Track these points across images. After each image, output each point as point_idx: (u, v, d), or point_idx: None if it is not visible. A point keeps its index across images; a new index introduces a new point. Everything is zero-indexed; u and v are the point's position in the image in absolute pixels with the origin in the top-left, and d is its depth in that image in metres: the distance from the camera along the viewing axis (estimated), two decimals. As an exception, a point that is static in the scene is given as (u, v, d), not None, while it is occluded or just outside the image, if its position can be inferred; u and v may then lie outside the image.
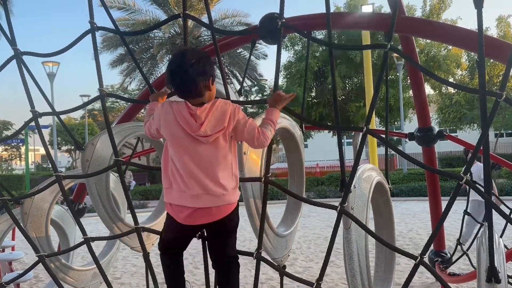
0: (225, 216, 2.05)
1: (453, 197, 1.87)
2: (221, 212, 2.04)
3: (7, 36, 2.44)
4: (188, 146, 1.99)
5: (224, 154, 2.01)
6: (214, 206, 2.01)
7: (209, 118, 1.97)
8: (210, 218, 2.04)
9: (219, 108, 2.00)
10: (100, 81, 2.41)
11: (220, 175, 1.99)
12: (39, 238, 3.08)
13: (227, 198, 2.02)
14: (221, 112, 1.99)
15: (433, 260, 5.14)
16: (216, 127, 1.97)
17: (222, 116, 1.98)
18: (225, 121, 1.98)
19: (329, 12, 2.19)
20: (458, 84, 9.55)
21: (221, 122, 1.98)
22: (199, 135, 1.96)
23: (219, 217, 2.04)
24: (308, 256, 7.43)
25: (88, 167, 2.69)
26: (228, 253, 2.17)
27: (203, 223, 2.08)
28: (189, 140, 1.98)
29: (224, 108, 2.01)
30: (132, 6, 22.24)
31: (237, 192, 2.09)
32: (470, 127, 25.90)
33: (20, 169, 33.03)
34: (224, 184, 1.99)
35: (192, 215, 2.03)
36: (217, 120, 1.98)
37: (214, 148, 1.99)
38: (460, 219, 5.31)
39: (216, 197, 1.99)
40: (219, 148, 2.00)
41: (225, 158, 2.01)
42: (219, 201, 2.01)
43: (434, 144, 4.78)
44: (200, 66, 1.98)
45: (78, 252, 4.30)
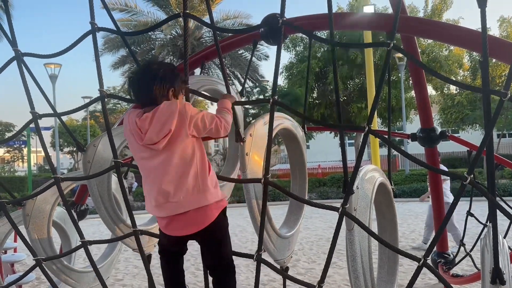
0: (204, 228, 1.96)
1: (457, 197, 1.86)
2: (193, 222, 1.94)
3: (8, 37, 2.43)
4: (144, 156, 1.95)
5: (183, 157, 1.91)
6: (180, 213, 1.92)
7: (153, 124, 1.87)
8: (183, 230, 1.96)
9: (164, 111, 1.88)
10: (100, 82, 2.40)
11: (180, 181, 1.90)
12: (41, 240, 3.08)
13: (190, 203, 1.91)
14: (166, 115, 1.87)
15: (436, 261, 5.12)
16: (162, 132, 1.87)
17: (168, 119, 1.87)
18: (172, 124, 1.86)
19: (331, 11, 2.18)
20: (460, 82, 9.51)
21: (167, 125, 1.86)
22: (146, 144, 1.90)
23: (194, 229, 1.95)
24: (310, 258, 7.41)
25: (89, 169, 2.68)
26: (220, 259, 2.10)
27: (181, 235, 2.00)
28: (143, 149, 1.93)
29: (169, 110, 1.88)
30: (133, 8, 22.31)
31: (210, 197, 1.96)
32: (472, 128, 25.85)
33: (23, 171, 33.14)
34: (183, 189, 1.90)
35: (164, 226, 1.99)
36: (162, 124, 1.87)
37: (169, 153, 1.90)
38: (463, 219, 5.28)
39: (176, 204, 1.91)
40: (176, 152, 1.90)
41: (184, 162, 1.91)
42: (180, 207, 1.91)
43: (437, 145, 4.77)
44: (159, 73, 1.95)
45: (80, 254, 4.27)
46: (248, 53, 22.10)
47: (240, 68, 22.94)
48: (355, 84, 24.53)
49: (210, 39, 22.35)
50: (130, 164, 3.02)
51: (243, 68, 22.53)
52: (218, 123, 1.98)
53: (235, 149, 3.23)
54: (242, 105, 3.33)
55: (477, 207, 5.30)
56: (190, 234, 1.99)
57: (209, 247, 2.09)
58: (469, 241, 5.40)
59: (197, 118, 1.93)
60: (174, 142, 1.89)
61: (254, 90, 23.96)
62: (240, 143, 2.37)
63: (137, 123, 1.92)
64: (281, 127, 2.76)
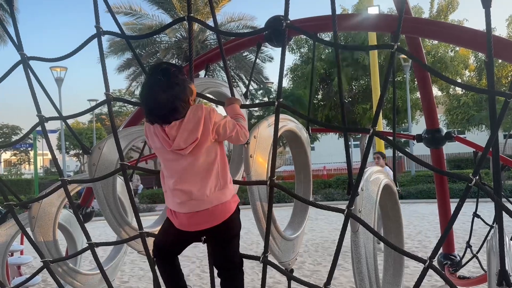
0: (222, 222, 2.02)
1: (463, 199, 1.85)
2: (214, 216, 2.01)
3: (13, 41, 2.45)
4: (170, 158, 2.03)
5: (206, 159, 2.00)
6: (203, 210, 1.99)
7: (181, 132, 1.95)
8: (204, 224, 2.03)
9: (191, 119, 1.96)
10: (106, 85, 2.42)
11: (204, 181, 1.99)
12: (46, 243, 3.09)
13: (213, 199, 2.00)
14: (193, 123, 1.96)
15: (442, 263, 5.09)
16: (189, 139, 1.95)
17: (194, 127, 1.95)
18: (198, 132, 1.95)
19: (335, 12, 2.18)
20: (466, 84, 9.49)
21: (194, 133, 1.95)
22: (174, 149, 1.98)
23: (214, 222, 2.02)
24: (315, 260, 7.39)
25: (95, 171, 2.69)
26: (229, 260, 2.15)
27: (199, 230, 2.05)
28: (170, 153, 2.01)
29: (195, 118, 1.96)
30: (138, 11, 22.42)
31: (228, 193, 2.05)
32: (478, 129, 25.70)
33: (29, 174, 33.36)
34: (207, 188, 1.99)
35: (185, 221, 2.04)
36: (190, 132, 1.95)
37: (194, 157, 1.98)
38: (469, 221, 5.25)
39: (199, 201, 1.99)
40: (200, 156, 1.98)
41: (207, 164, 2.00)
42: (203, 204, 1.99)
43: (443, 146, 4.74)
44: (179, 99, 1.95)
45: (86, 256, 4.30)
46: (253, 55, 22.14)
47: (245, 70, 22.97)
48: (360, 85, 24.49)
49: (214, 42, 22.41)
50: (136, 166, 3.03)
51: (247, 70, 22.56)
52: (239, 131, 2.05)
53: (240, 151, 3.23)
54: (247, 108, 3.34)
55: (483, 208, 5.28)
56: (209, 227, 2.04)
57: (222, 243, 2.12)
58: (476, 243, 5.36)
59: (219, 125, 2.00)
60: (199, 147, 1.98)
61: (258, 92, 23.97)
62: (244, 145, 2.37)
63: (165, 130, 1.97)
64: (286, 129, 2.76)
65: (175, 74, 1.99)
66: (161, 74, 1.97)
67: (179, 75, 2.00)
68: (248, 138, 2.16)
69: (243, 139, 2.10)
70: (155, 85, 1.96)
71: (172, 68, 2.03)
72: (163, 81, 1.95)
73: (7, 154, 36.86)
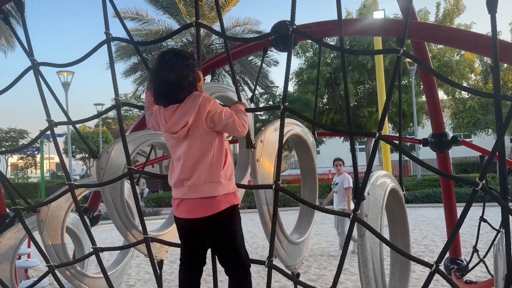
0: (211, 217, 2.01)
1: (469, 203, 1.85)
2: (201, 207, 2.01)
3: (24, 47, 2.49)
4: (171, 143, 2.10)
5: (200, 147, 2.01)
6: (192, 198, 2.02)
7: (175, 114, 2.00)
8: (192, 212, 2.04)
9: (187, 104, 2.01)
10: (115, 90, 2.45)
11: (194, 169, 2.00)
12: (55, 246, 3.12)
13: (202, 190, 2.00)
14: (187, 108, 2.00)
15: (449, 267, 5.06)
16: (180, 123, 1.99)
17: (187, 111, 1.99)
18: (190, 116, 1.98)
19: (341, 18, 2.20)
20: (472, 88, 9.44)
21: (185, 117, 1.99)
22: (167, 131, 2.05)
23: (201, 214, 2.02)
24: (321, 264, 7.37)
25: (103, 175, 2.72)
26: (231, 254, 2.14)
27: (193, 217, 2.05)
28: (170, 137, 2.07)
29: (191, 103, 2.00)
30: (144, 16, 22.55)
31: (220, 188, 2.02)
32: (485, 132, 25.54)
33: (36, 177, 33.54)
34: (197, 177, 2.00)
35: (180, 205, 2.08)
36: (182, 114, 1.99)
37: (189, 143, 2.02)
38: (476, 225, 5.22)
39: (190, 188, 2.01)
40: (195, 143, 2.01)
41: (201, 152, 2.01)
42: (192, 192, 2.01)
43: (449, 150, 4.73)
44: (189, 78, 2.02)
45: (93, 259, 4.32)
46: (258, 59, 22.18)
47: (250, 74, 23.02)
48: (365, 89, 24.44)
49: (220, 46, 22.49)
50: (143, 170, 3.06)
51: (253, 74, 22.60)
52: (236, 120, 2.03)
53: (246, 155, 3.24)
54: (253, 112, 3.35)
55: (490, 212, 5.24)
56: (196, 218, 2.05)
57: (217, 239, 2.13)
58: (483, 247, 5.33)
59: (214, 113, 2.01)
60: (193, 133, 2.01)
61: (264, 96, 24.00)
62: (251, 149, 2.39)
63: (163, 113, 2.06)
64: (291, 133, 2.77)
65: (186, 56, 2.07)
66: (172, 55, 2.05)
67: (190, 59, 2.08)
68: (246, 131, 2.13)
69: (241, 130, 2.06)
70: (165, 63, 2.03)
71: (183, 52, 2.13)
72: (174, 61, 2.02)
73: (14, 158, 37.07)
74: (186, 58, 2.05)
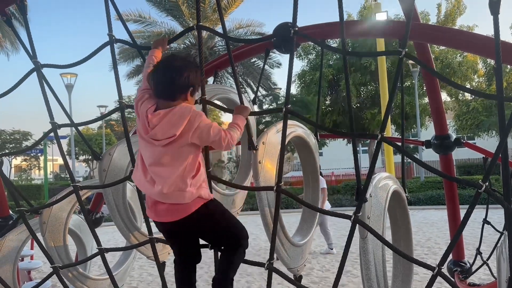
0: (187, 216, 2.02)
1: (472, 205, 1.84)
2: (171, 212, 2.02)
3: (27, 50, 2.50)
4: (146, 143, 2.05)
5: (176, 157, 1.99)
6: (166, 203, 2.01)
7: (162, 123, 1.97)
8: (168, 216, 2.04)
9: (177, 114, 1.97)
10: (119, 93, 2.46)
11: (168, 174, 1.98)
12: (57, 248, 3.12)
13: (171, 197, 1.99)
14: (177, 118, 1.96)
15: (452, 270, 5.04)
16: (167, 133, 1.96)
17: (177, 122, 1.96)
18: (179, 129, 1.95)
19: (343, 19, 2.20)
20: (475, 89, 9.42)
21: (174, 128, 1.95)
22: (150, 137, 2.01)
23: (178, 216, 2.02)
24: (324, 266, 7.35)
25: (105, 177, 2.72)
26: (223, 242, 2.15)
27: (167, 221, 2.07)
28: (146, 138, 2.04)
29: (183, 114, 1.97)
30: (147, 19, 22.57)
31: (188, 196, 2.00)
32: (488, 134, 25.46)
33: (39, 179, 33.63)
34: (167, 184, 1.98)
35: (152, 207, 2.07)
36: (171, 125, 1.96)
37: (166, 150, 1.99)
38: (480, 227, 5.20)
39: (160, 193, 2.00)
40: (172, 151, 1.99)
41: (176, 161, 1.99)
42: (161, 197, 2.00)
43: (452, 152, 4.72)
44: (185, 70, 2.03)
45: (95, 261, 4.32)
46: (261, 61, 22.17)
47: (253, 76, 23.01)
48: (368, 90, 24.42)
49: (222, 48, 22.49)
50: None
51: (255, 76, 22.58)
52: (222, 137, 2.03)
53: (248, 157, 3.24)
54: (256, 115, 3.36)
55: (493, 215, 5.22)
56: (169, 222, 2.06)
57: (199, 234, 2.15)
58: (486, 250, 5.31)
59: (202, 130, 1.99)
60: (174, 145, 1.99)
61: (266, 98, 24.00)
62: (253, 151, 2.39)
63: (148, 116, 2.01)
64: (294, 135, 2.77)
65: (189, 62, 2.10)
66: (178, 58, 2.10)
67: (193, 68, 2.08)
68: (231, 147, 2.12)
69: (226, 147, 2.06)
70: (169, 61, 2.08)
71: (189, 59, 2.16)
72: (175, 61, 2.07)
73: (17, 159, 37.21)
74: (188, 64, 2.08)
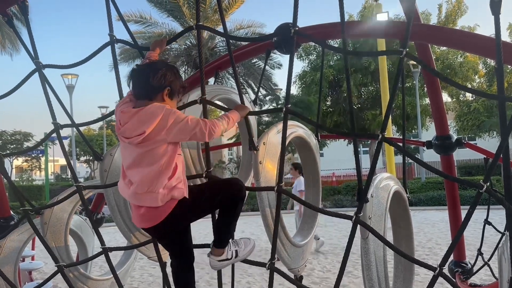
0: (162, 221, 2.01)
1: (473, 206, 1.84)
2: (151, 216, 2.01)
3: (28, 51, 2.50)
4: (123, 144, 2.06)
5: (151, 157, 1.97)
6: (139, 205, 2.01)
7: (133, 120, 1.96)
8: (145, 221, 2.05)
9: (147, 113, 1.94)
10: (120, 93, 2.47)
11: (143, 176, 1.97)
12: (58, 248, 3.12)
13: (146, 199, 1.98)
14: (148, 116, 1.93)
15: (453, 270, 5.03)
16: (136, 131, 1.94)
17: (147, 120, 1.93)
18: (149, 127, 1.92)
19: (344, 19, 2.20)
20: (475, 89, 9.43)
21: (142, 126, 1.92)
22: (120, 135, 2.02)
23: (154, 222, 2.02)
24: (325, 267, 7.35)
25: (106, 177, 2.72)
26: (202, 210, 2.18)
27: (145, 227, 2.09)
28: (121, 138, 2.04)
29: (153, 113, 1.94)
30: (148, 19, 22.60)
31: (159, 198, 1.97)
32: (489, 135, 25.43)
33: (40, 180, 33.63)
34: (144, 185, 1.97)
35: (132, 211, 2.09)
36: (140, 123, 1.93)
37: (141, 151, 1.97)
38: (481, 228, 5.20)
39: (136, 195, 1.99)
40: (146, 152, 1.97)
41: (151, 161, 1.96)
42: (139, 200, 2.00)
43: (453, 152, 4.71)
44: (161, 70, 2.03)
45: (96, 262, 4.34)
46: (261, 62, 22.17)
47: (254, 77, 23.02)
48: (369, 91, 24.42)
49: (223, 49, 22.50)
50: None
51: (256, 77, 22.59)
52: (202, 126, 1.99)
53: (249, 157, 3.24)
54: (256, 115, 3.35)
55: (495, 215, 5.22)
56: (148, 227, 2.09)
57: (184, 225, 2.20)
58: (487, 250, 5.30)
59: (179, 125, 1.96)
60: (147, 142, 1.96)
61: (267, 98, 24.00)
62: (254, 151, 2.39)
63: (120, 114, 2.02)
64: (294, 135, 2.77)
65: (168, 65, 2.10)
66: (157, 61, 2.17)
67: (170, 69, 2.08)
68: (214, 136, 2.08)
69: (208, 136, 2.01)
70: (148, 63, 2.16)
71: (169, 63, 2.16)
72: (154, 63, 2.13)
73: (18, 160, 37.25)
74: (165, 69, 2.06)
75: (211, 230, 2.32)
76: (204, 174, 2.44)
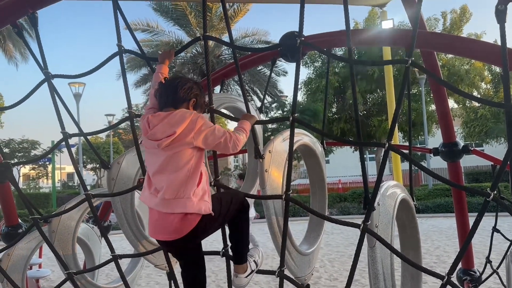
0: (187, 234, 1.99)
1: (481, 214, 1.83)
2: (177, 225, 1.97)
3: (37, 61, 2.54)
4: (150, 151, 2.08)
5: (178, 161, 1.98)
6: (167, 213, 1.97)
7: (163, 123, 2.01)
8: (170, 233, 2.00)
9: (178, 115, 2.01)
10: (128, 102, 2.50)
11: (170, 181, 1.97)
12: (66, 256, 3.14)
13: (174, 205, 1.96)
14: (178, 119, 2.00)
15: (461, 278, 4.98)
16: (166, 132, 1.98)
17: (177, 122, 1.98)
18: (179, 128, 1.97)
19: (349, 28, 2.21)
20: (481, 98, 9.39)
21: (173, 127, 1.97)
22: (149, 138, 2.04)
23: (180, 234, 1.99)
24: (332, 275, 7.30)
25: (113, 186, 2.74)
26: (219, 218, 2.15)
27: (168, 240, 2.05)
28: (150, 144, 2.06)
29: (183, 115, 2.01)
30: (155, 28, 22.79)
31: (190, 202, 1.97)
32: (497, 141, 25.24)
33: (47, 188, 33.80)
34: (172, 190, 1.96)
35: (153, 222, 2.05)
36: (171, 125, 1.98)
37: (169, 154, 1.99)
38: (489, 236, 5.15)
39: (163, 201, 1.97)
40: (174, 155, 1.98)
41: (178, 165, 1.98)
42: (167, 206, 1.97)
43: (460, 159, 4.69)
44: (189, 83, 2.13)
45: (103, 270, 4.34)
46: (267, 69, 22.25)
47: (259, 84, 23.08)
48: (374, 98, 24.39)
49: (229, 57, 22.61)
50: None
51: (262, 84, 22.65)
52: (227, 138, 2.04)
53: (255, 165, 3.25)
54: (263, 124, 3.36)
55: (503, 222, 5.18)
56: (171, 240, 2.05)
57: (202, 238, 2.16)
58: (496, 258, 5.25)
59: (206, 131, 2.01)
60: (175, 146, 1.99)
61: (272, 105, 24.05)
62: (260, 159, 2.39)
63: (149, 118, 2.07)
64: (300, 143, 2.78)
65: (195, 81, 2.19)
66: (184, 76, 2.17)
67: (197, 85, 2.17)
68: (237, 149, 2.12)
69: (232, 148, 2.05)
70: (175, 76, 2.17)
71: (196, 81, 2.24)
72: (181, 77, 2.21)
73: (26, 168, 37.49)
74: (192, 84, 2.15)
75: (215, 236, 2.33)
76: (212, 183, 2.44)
